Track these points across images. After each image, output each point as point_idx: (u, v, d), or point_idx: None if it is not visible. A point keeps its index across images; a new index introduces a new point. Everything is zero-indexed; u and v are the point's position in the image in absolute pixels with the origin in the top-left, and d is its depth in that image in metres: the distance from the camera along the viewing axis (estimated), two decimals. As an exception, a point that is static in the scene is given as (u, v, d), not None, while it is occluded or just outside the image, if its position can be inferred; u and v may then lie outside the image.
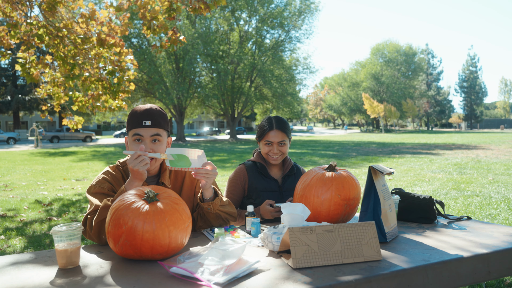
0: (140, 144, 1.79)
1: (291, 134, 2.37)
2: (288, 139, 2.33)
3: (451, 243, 1.60)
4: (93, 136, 36.79)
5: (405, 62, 65.96)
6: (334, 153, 17.47)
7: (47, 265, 1.43)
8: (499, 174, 9.14)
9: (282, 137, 2.28)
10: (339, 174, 1.80)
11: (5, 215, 5.54)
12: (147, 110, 1.83)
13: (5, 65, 40.43)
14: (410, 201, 2.01)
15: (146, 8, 5.60)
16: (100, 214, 1.64)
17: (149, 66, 29.03)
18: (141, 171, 1.68)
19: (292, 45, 35.51)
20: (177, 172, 1.98)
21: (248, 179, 2.32)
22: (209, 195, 1.86)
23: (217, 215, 1.89)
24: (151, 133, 1.81)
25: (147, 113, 1.82)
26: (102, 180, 1.83)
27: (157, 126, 1.83)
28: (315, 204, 1.75)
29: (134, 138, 1.82)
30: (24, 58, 5.65)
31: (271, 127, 2.29)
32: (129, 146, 1.85)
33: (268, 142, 2.29)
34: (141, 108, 1.85)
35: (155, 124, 1.82)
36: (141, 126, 1.80)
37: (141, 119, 1.81)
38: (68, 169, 11.91)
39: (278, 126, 2.28)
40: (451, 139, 29.76)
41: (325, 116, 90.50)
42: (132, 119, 1.84)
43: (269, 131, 2.28)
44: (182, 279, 1.25)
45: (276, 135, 2.27)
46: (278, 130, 2.27)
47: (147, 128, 1.81)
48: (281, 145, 2.29)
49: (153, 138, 1.82)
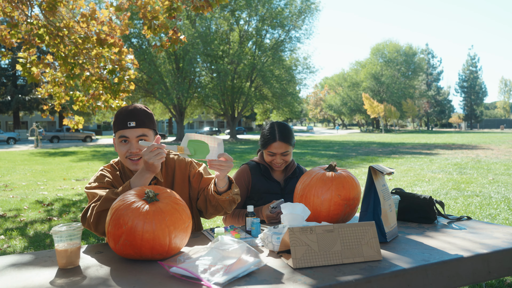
0: (127, 145, 1.80)
1: (294, 140, 2.32)
2: (291, 147, 2.28)
3: (451, 243, 1.60)
4: (93, 136, 36.77)
5: (405, 62, 65.93)
6: (334, 153, 17.47)
7: (47, 265, 1.43)
8: (499, 174, 9.14)
9: (286, 148, 2.23)
10: (339, 174, 1.80)
11: (5, 215, 5.54)
12: (131, 111, 1.83)
13: (5, 65, 40.44)
14: (410, 201, 2.00)
15: (147, 8, 5.59)
16: (102, 204, 1.64)
17: (149, 66, 29.03)
18: (156, 164, 1.65)
19: (292, 45, 35.50)
20: (167, 165, 1.96)
21: (251, 180, 2.31)
22: (223, 184, 1.82)
23: (231, 201, 1.86)
24: (137, 133, 1.81)
25: (131, 113, 1.82)
26: (101, 176, 1.83)
27: (142, 126, 1.82)
28: (315, 204, 1.75)
29: (121, 140, 1.82)
30: (25, 58, 5.65)
31: (274, 139, 2.23)
32: (117, 147, 1.85)
33: (271, 153, 2.26)
34: (126, 109, 1.84)
35: (140, 124, 1.81)
36: (126, 127, 1.80)
37: (125, 120, 1.81)
38: (68, 169, 11.91)
39: (281, 138, 2.22)
40: (451, 139, 29.76)
41: (325, 116, 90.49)
42: (117, 120, 1.84)
43: (272, 142, 2.23)
44: (182, 279, 1.25)
45: (279, 147, 2.23)
46: (281, 142, 2.22)
47: (132, 129, 1.80)
48: (284, 155, 2.26)
49: (139, 138, 1.81)
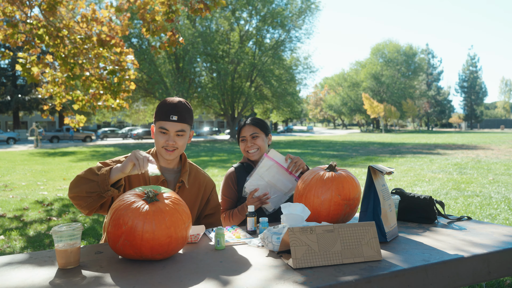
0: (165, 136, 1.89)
1: (268, 130, 2.41)
2: (262, 133, 2.36)
3: (451, 243, 1.60)
4: (93, 136, 36.81)
5: (405, 62, 65.91)
6: (334, 153, 17.47)
7: (47, 265, 1.43)
8: (499, 174, 9.14)
9: (253, 130, 2.34)
10: (339, 174, 1.79)
11: (5, 215, 5.54)
12: (175, 104, 1.90)
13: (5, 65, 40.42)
14: (410, 201, 2.01)
15: (146, 8, 5.60)
16: (84, 172, 1.72)
17: (149, 66, 29.04)
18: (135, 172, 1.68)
19: (292, 45, 35.50)
20: (197, 177, 2.08)
21: (237, 180, 2.35)
22: None
23: None
24: (177, 128, 1.89)
25: (174, 107, 1.89)
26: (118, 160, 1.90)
27: (183, 121, 1.91)
28: (315, 204, 1.75)
29: (160, 130, 1.91)
30: (25, 58, 5.65)
31: (243, 124, 2.39)
32: (155, 136, 1.95)
33: (243, 138, 2.35)
34: (170, 102, 1.92)
35: (181, 119, 1.90)
36: (168, 119, 1.88)
37: (168, 113, 1.88)
38: (68, 169, 11.91)
39: (249, 122, 2.38)
40: (451, 139, 29.76)
41: (325, 116, 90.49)
42: (161, 111, 1.91)
43: (241, 128, 2.38)
44: (182, 279, 1.25)
45: (246, 129, 2.35)
46: (250, 125, 2.36)
47: (173, 122, 1.89)
48: (254, 138, 2.33)
49: (177, 133, 1.90)
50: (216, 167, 11.52)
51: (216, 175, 9.51)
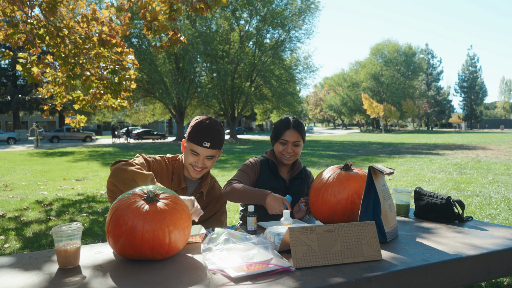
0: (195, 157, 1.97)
1: (305, 137, 2.39)
2: (302, 141, 2.35)
3: (451, 243, 1.60)
4: (93, 136, 36.78)
5: (404, 62, 65.90)
6: (334, 153, 17.46)
7: (47, 265, 1.43)
8: (499, 174, 9.14)
9: (298, 137, 2.31)
10: (355, 173, 1.82)
11: (5, 215, 5.54)
12: (209, 130, 1.94)
13: (5, 65, 40.42)
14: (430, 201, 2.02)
15: (147, 8, 5.60)
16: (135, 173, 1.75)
17: (149, 66, 29.01)
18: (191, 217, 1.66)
19: (292, 45, 35.49)
20: (214, 189, 2.15)
21: (259, 173, 2.34)
22: None
23: None
24: (208, 153, 1.98)
25: (208, 134, 1.94)
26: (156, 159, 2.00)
27: (214, 148, 1.97)
28: (332, 203, 1.77)
29: (191, 152, 1.99)
30: (25, 58, 5.65)
31: (288, 127, 2.31)
32: (185, 153, 2.01)
33: (284, 142, 2.30)
34: (204, 126, 1.95)
35: (213, 146, 1.96)
36: (200, 145, 1.95)
37: (202, 139, 1.94)
38: (68, 169, 11.91)
39: (295, 126, 2.31)
40: (451, 139, 29.76)
41: (325, 116, 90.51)
42: (194, 134, 1.96)
43: (286, 130, 2.31)
44: (182, 279, 1.25)
45: (292, 135, 2.30)
46: (295, 130, 2.30)
47: (205, 148, 1.95)
48: (295, 145, 2.31)
49: (208, 157, 1.97)
50: (215, 167, 11.52)
51: (216, 175, 9.51)
